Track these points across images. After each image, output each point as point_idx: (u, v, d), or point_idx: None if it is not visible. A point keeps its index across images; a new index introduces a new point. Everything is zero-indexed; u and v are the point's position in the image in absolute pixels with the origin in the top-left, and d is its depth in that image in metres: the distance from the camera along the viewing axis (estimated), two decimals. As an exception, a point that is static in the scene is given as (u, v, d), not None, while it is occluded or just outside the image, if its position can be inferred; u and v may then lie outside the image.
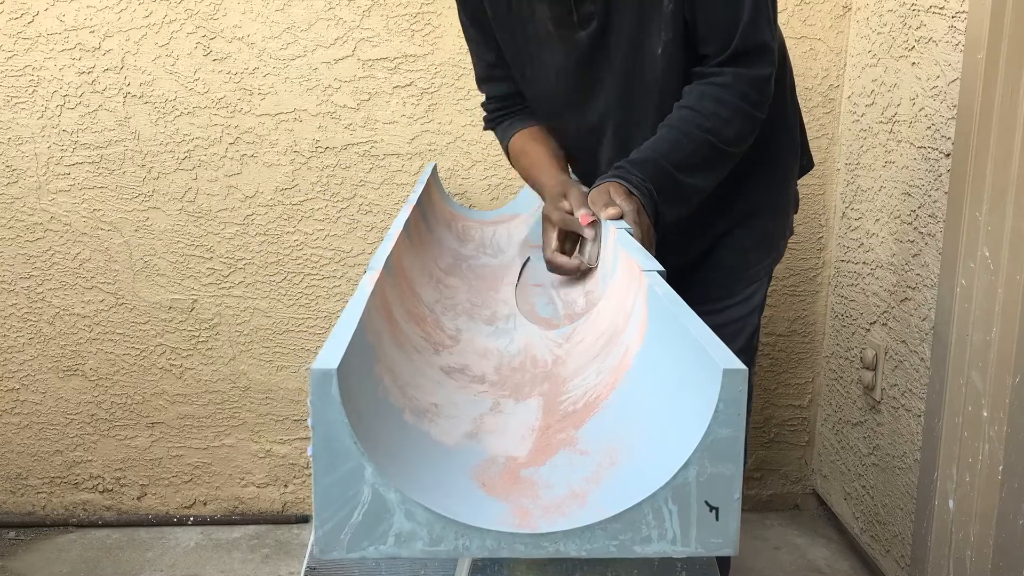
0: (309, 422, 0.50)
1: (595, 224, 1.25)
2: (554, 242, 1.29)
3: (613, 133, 1.43)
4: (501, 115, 1.57)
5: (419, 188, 1.62)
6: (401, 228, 1.25)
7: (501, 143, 1.59)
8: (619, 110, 1.41)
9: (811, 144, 2.17)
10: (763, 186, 1.49)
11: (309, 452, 0.51)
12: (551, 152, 1.49)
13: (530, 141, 1.51)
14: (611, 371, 0.86)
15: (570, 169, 1.56)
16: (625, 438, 0.64)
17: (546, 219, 1.32)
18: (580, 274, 1.28)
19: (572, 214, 1.27)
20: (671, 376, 0.65)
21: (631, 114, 1.40)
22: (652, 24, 1.31)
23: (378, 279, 0.91)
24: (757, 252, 1.51)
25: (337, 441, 0.52)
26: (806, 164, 1.62)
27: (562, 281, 1.35)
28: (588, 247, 1.25)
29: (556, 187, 1.35)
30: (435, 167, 1.99)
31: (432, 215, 1.68)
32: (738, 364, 0.53)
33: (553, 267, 1.30)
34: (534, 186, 1.50)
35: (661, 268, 0.95)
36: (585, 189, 1.32)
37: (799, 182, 1.60)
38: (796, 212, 1.59)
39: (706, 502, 0.50)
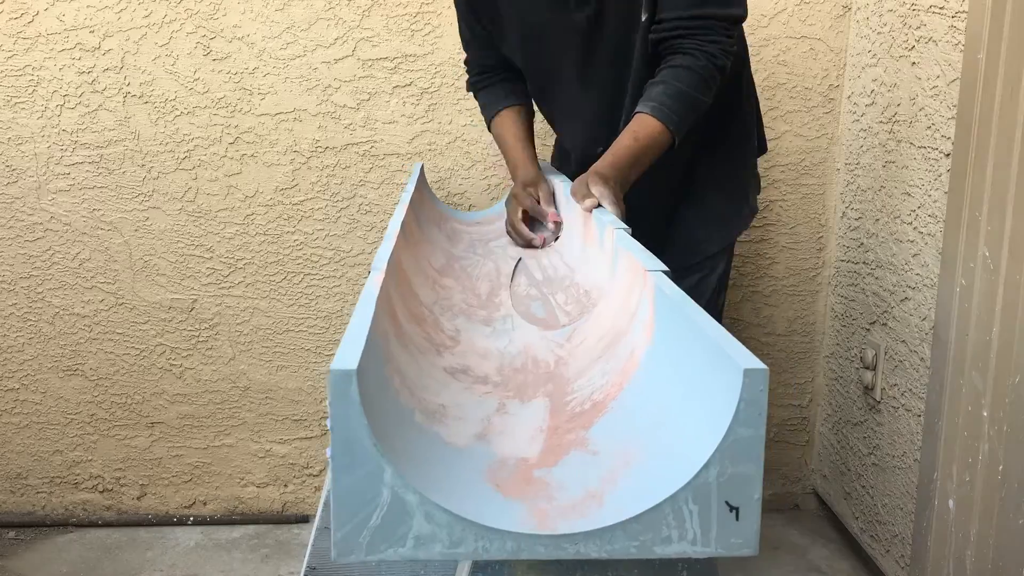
0: (328, 424, 0.49)
1: (559, 225, 1.53)
2: (520, 213, 1.56)
3: (600, 100, 1.61)
4: (485, 82, 1.75)
5: (410, 188, 1.63)
6: (399, 228, 1.25)
7: (484, 112, 1.78)
8: (610, 82, 1.59)
9: (811, 144, 2.20)
10: (714, 171, 1.67)
11: (327, 454, 0.51)
12: (528, 138, 1.72)
13: (512, 122, 1.72)
14: (618, 371, 0.86)
15: (558, 139, 1.83)
16: (637, 438, 0.63)
17: (515, 197, 1.58)
18: (527, 247, 1.55)
19: (539, 203, 1.56)
20: (684, 375, 0.65)
21: (620, 85, 1.58)
22: (635, 3, 1.51)
23: (383, 279, 0.91)
24: (707, 230, 1.68)
25: (357, 443, 0.51)
26: (760, 147, 1.77)
27: (556, 284, 1.38)
28: (547, 234, 1.56)
29: (529, 175, 1.62)
30: (422, 167, 1.99)
31: (423, 215, 1.69)
32: (758, 363, 0.53)
33: (517, 234, 1.56)
34: (509, 164, 1.73)
35: (666, 268, 0.95)
36: (553, 182, 1.62)
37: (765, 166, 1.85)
38: (758, 192, 1.76)
39: (727, 502, 0.50)
